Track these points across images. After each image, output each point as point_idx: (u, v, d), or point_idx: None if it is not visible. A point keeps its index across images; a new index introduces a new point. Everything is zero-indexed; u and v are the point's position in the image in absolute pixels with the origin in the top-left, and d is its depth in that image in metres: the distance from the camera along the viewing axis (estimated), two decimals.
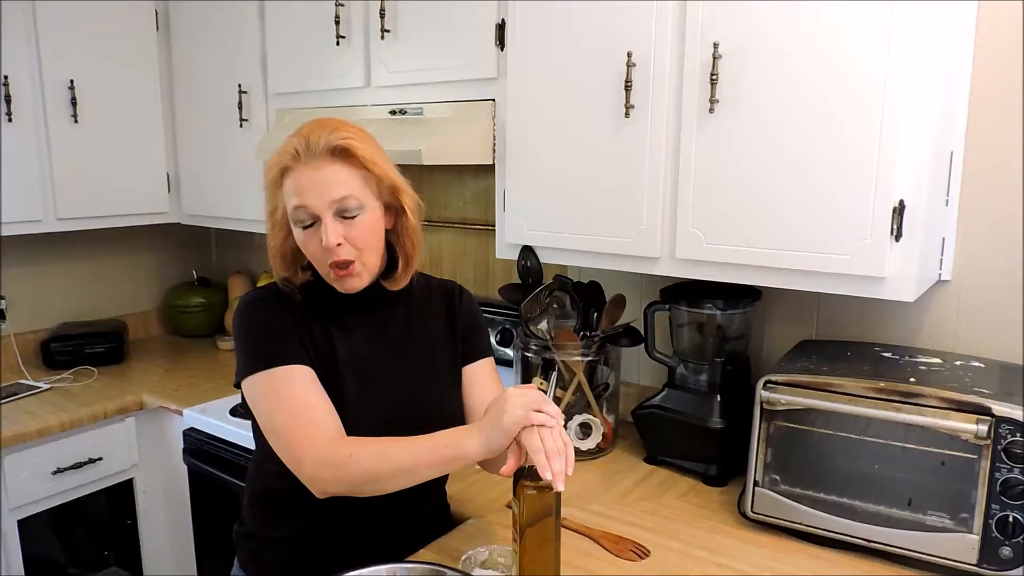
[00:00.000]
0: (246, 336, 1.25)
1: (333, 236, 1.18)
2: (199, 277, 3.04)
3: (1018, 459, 1.21)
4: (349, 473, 1.16)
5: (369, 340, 1.31)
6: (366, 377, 1.29)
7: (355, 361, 1.28)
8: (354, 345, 1.29)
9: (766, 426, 1.44)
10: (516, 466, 1.11)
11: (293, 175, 1.19)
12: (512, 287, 1.87)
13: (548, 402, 1.13)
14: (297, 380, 1.21)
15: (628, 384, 2.03)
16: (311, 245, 1.21)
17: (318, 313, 1.28)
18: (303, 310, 1.28)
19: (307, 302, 1.29)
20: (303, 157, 1.18)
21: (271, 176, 1.22)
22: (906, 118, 1.27)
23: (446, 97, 1.91)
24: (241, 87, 2.37)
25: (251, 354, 1.23)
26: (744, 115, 1.41)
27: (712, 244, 1.48)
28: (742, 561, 1.36)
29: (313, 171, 1.17)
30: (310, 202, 1.18)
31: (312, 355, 1.25)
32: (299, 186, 1.18)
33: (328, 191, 1.17)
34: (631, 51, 1.50)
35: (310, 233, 1.20)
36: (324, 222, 1.18)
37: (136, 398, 2.32)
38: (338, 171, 1.18)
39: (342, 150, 1.18)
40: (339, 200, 1.18)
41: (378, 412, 1.27)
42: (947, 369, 1.42)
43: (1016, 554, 1.23)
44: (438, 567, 1.18)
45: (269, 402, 1.21)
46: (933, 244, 1.49)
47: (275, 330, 1.23)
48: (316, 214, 1.18)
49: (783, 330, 1.81)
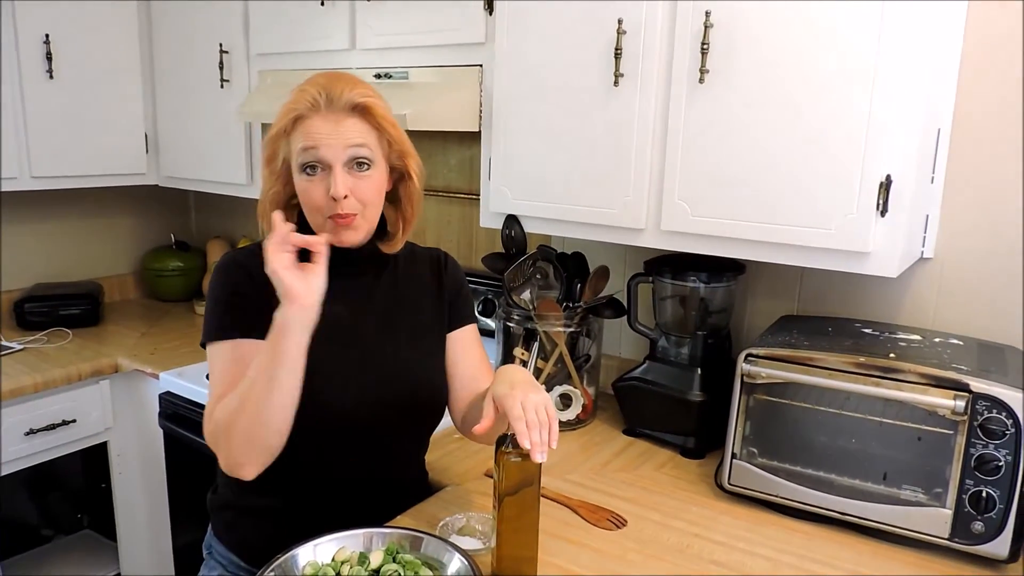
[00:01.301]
0: (212, 300, 1.26)
1: (342, 187, 1.17)
2: (177, 240, 3.00)
3: (993, 435, 1.22)
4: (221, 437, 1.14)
5: (353, 304, 1.30)
6: (347, 341, 1.27)
7: (337, 324, 1.27)
8: (336, 308, 1.27)
9: (745, 399, 1.44)
10: (490, 425, 1.11)
11: (308, 123, 1.17)
12: (495, 256, 1.85)
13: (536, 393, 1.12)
14: (241, 357, 1.19)
15: (610, 356, 2.03)
16: (314, 193, 1.19)
17: None
18: None
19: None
20: (322, 108, 1.17)
21: (281, 124, 1.19)
22: (896, 93, 1.26)
23: (432, 61, 1.88)
24: (222, 47, 2.32)
25: (212, 320, 1.23)
26: (734, 86, 1.40)
27: (698, 216, 1.48)
28: (718, 532, 1.37)
29: (331, 123, 1.17)
30: (324, 150, 1.16)
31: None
32: (313, 133, 1.17)
33: (343, 140, 1.17)
34: (622, 18, 1.48)
35: (316, 181, 1.18)
36: (335, 171, 1.17)
37: (111, 361, 2.29)
38: (356, 125, 1.18)
39: (363, 107, 1.18)
40: (353, 147, 1.17)
41: (358, 376, 1.26)
42: (926, 346, 1.43)
43: (988, 529, 1.24)
44: (415, 532, 1.18)
45: (214, 372, 1.22)
46: (917, 221, 1.49)
47: (240, 299, 1.22)
48: (328, 162, 1.17)
49: (766, 305, 1.82)
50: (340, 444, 1.26)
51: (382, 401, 1.27)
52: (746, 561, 1.28)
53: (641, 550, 1.30)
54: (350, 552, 1.14)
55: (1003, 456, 1.22)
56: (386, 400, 1.27)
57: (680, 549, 1.31)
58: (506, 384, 1.11)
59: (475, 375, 1.36)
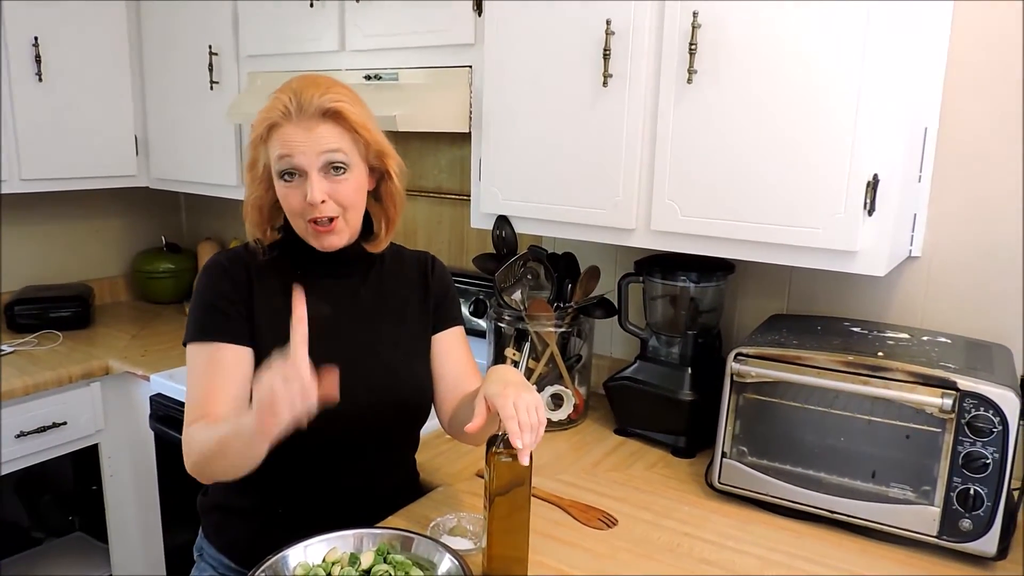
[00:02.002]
0: (196, 302, 1.27)
1: (318, 192, 1.17)
2: (168, 243, 2.99)
3: (981, 433, 1.23)
4: (190, 452, 1.17)
5: (337, 305, 1.30)
6: (328, 340, 1.27)
7: (318, 324, 1.27)
8: (318, 308, 1.28)
9: (735, 398, 1.45)
10: (482, 424, 1.11)
11: (281, 131, 1.18)
12: (486, 257, 1.86)
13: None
14: (219, 361, 1.20)
15: (600, 356, 2.04)
16: (293, 199, 1.20)
17: (284, 275, 1.27)
18: (267, 273, 1.27)
19: (275, 264, 1.28)
20: (293, 116, 1.17)
21: (257, 131, 1.21)
22: (883, 92, 1.27)
23: (422, 63, 1.88)
24: (212, 48, 2.31)
25: (194, 321, 1.25)
26: (722, 87, 1.40)
27: (687, 216, 1.48)
28: (708, 531, 1.37)
29: (303, 130, 1.17)
30: (298, 158, 1.17)
31: (265, 325, 1.24)
32: (287, 141, 1.17)
33: (316, 146, 1.17)
34: (610, 19, 1.48)
35: (293, 187, 1.19)
36: (310, 178, 1.18)
37: (102, 363, 2.28)
38: (328, 130, 1.18)
39: (334, 112, 1.18)
40: (327, 152, 1.18)
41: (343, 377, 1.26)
42: (914, 344, 1.43)
43: (976, 526, 1.25)
44: (406, 532, 1.18)
45: (192, 374, 1.23)
46: (905, 220, 1.50)
47: (223, 303, 1.23)
48: (303, 168, 1.18)
49: (755, 304, 1.82)
50: (327, 445, 1.26)
51: (367, 402, 1.27)
52: (736, 560, 1.28)
53: (632, 549, 1.31)
54: (341, 553, 1.14)
55: (990, 454, 1.23)
56: (371, 401, 1.27)
57: (671, 548, 1.31)
58: (498, 384, 1.11)
59: (462, 377, 1.36)
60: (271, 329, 1.24)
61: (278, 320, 1.25)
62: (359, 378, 1.27)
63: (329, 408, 1.24)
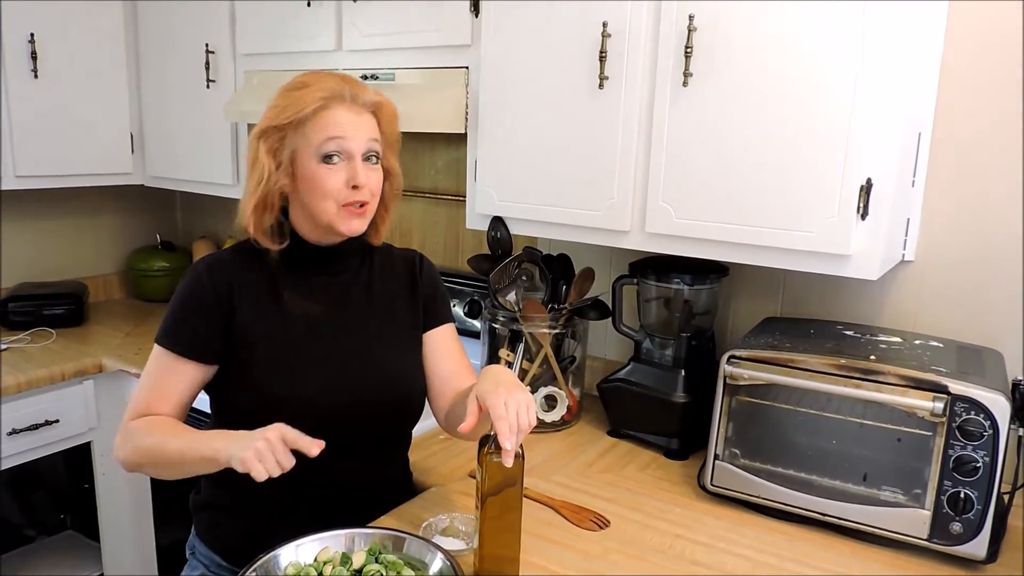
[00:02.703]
0: (171, 306, 1.29)
1: (364, 176, 1.22)
2: (163, 240, 2.99)
3: (972, 437, 1.24)
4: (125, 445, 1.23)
5: (327, 302, 1.31)
6: (317, 338, 1.28)
7: (307, 322, 1.29)
8: (308, 305, 1.30)
9: (728, 401, 1.45)
10: (474, 424, 1.11)
11: (332, 113, 1.21)
12: (481, 258, 1.86)
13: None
14: (174, 371, 1.24)
15: (595, 358, 2.04)
16: (333, 180, 1.21)
17: (270, 273, 1.28)
18: (255, 273, 1.27)
19: (266, 263, 1.28)
20: (348, 100, 1.22)
21: (302, 112, 1.20)
22: (877, 96, 1.27)
23: (418, 63, 1.88)
24: (208, 47, 2.31)
25: (165, 325, 1.27)
26: (717, 90, 1.41)
27: (682, 219, 1.48)
28: (700, 532, 1.37)
29: (355, 114, 1.22)
30: (349, 141, 1.21)
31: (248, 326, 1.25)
32: (339, 123, 1.21)
33: (366, 133, 1.23)
34: (606, 21, 1.49)
35: (336, 169, 1.21)
36: (355, 161, 1.22)
37: (95, 361, 2.28)
38: (372, 122, 1.25)
39: (380, 106, 1.26)
40: (372, 141, 1.24)
41: (333, 374, 1.27)
42: (907, 348, 1.44)
43: (966, 530, 1.25)
44: (397, 532, 1.18)
45: (147, 372, 1.28)
46: (898, 224, 1.50)
47: (193, 316, 1.24)
48: (352, 152, 1.21)
49: (749, 307, 1.83)
50: None
51: (358, 399, 1.27)
52: (727, 561, 1.28)
53: (623, 550, 1.31)
54: (332, 552, 1.14)
55: (981, 457, 1.23)
56: (361, 398, 1.28)
57: (662, 549, 1.31)
58: (490, 383, 1.11)
59: (454, 373, 1.37)
60: (254, 326, 1.25)
61: (263, 320, 1.26)
62: (349, 375, 1.28)
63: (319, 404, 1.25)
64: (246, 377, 1.24)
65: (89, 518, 2.41)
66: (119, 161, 2.57)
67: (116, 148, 2.55)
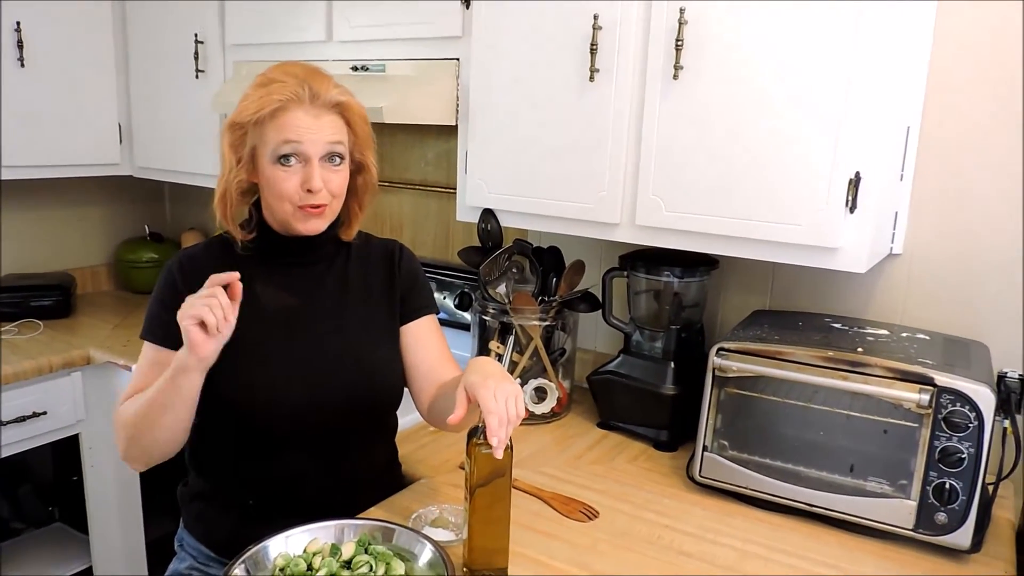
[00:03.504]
0: (151, 301, 1.31)
1: (319, 180, 1.20)
2: (151, 232, 2.97)
3: (957, 428, 1.25)
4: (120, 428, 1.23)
5: (301, 292, 1.31)
6: (292, 329, 1.29)
7: (283, 314, 1.29)
8: (283, 297, 1.30)
9: (717, 393, 1.46)
10: (464, 415, 1.11)
11: (289, 115, 1.19)
12: (471, 250, 1.86)
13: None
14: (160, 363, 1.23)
15: (584, 350, 2.05)
16: (288, 183, 1.21)
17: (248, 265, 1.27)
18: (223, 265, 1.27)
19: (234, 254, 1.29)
20: (306, 102, 1.20)
21: (260, 112, 1.20)
22: (867, 91, 1.28)
23: (409, 55, 1.88)
24: (198, 37, 2.29)
25: (147, 320, 1.30)
26: (707, 83, 1.41)
27: (672, 212, 1.49)
28: (688, 523, 1.38)
29: (312, 117, 1.20)
30: (306, 145, 1.19)
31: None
32: (295, 125, 1.19)
33: (323, 136, 1.21)
34: (598, 13, 1.49)
35: (291, 171, 1.21)
36: (312, 165, 1.20)
37: (83, 352, 2.27)
38: (334, 122, 1.23)
39: (344, 106, 1.23)
40: (332, 143, 1.22)
41: (309, 365, 1.27)
42: (894, 340, 1.45)
43: (951, 520, 1.27)
44: (387, 523, 1.18)
45: (137, 367, 1.30)
46: (886, 218, 1.51)
47: (167, 308, 1.24)
48: (306, 155, 1.20)
49: (738, 299, 1.84)
50: (298, 434, 1.26)
51: (333, 390, 1.27)
52: (714, 551, 1.29)
53: (612, 541, 1.32)
54: (322, 543, 1.14)
55: (966, 449, 1.25)
56: (337, 388, 1.28)
57: (651, 540, 1.32)
58: (479, 375, 1.11)
59: (436, 365, 1.36)
60: None
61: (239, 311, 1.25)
62: (324, 366, 1.28)
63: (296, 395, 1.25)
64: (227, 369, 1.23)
65: (77, 510, 2.40)
66: (107, 152, 2.55)
67: (104, 139, 2.53)
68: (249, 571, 1.07)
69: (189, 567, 1.36)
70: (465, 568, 1.17)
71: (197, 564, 1.35)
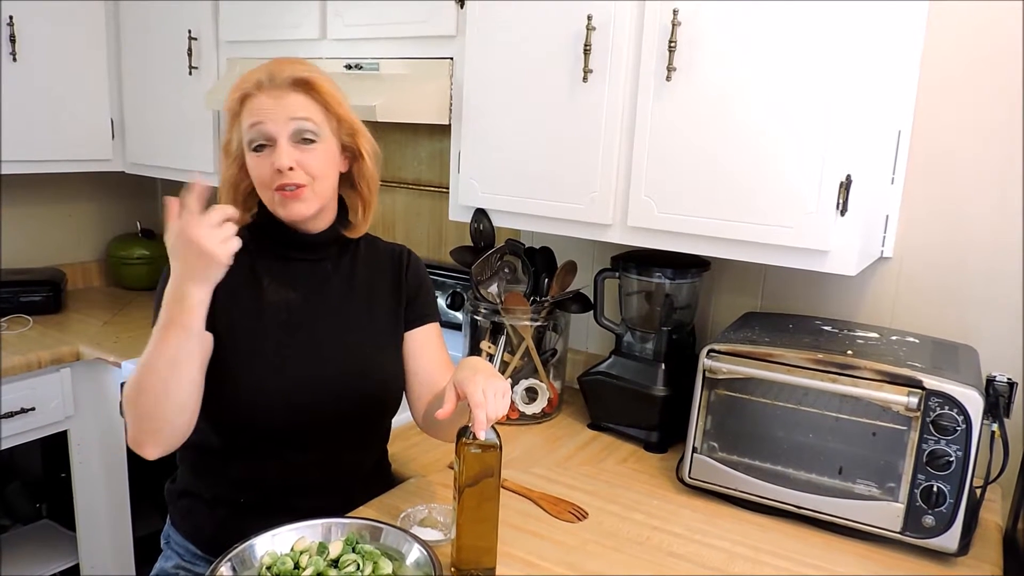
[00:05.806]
0: (157, 292, 1.26)
1: (286, 158, 1.19)
2: (143, 228, 2.96)
3: (945, 431, 1.25)
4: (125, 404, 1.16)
5: (305, 288, 1.30)
6: (295, 325, 1.28)
7: (285, 308, 1.28)
8: (286, 292, 1.29)
9: (707, 394, 1.46)
10: (452, 410, 1.11)
11: (253, 101, 1.20)
12: (464, 249, 1.86)
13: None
14: None
15: (576, 351, 2.05)
16: (262, 168, 1.20)
17: (252, 259, 1.27)
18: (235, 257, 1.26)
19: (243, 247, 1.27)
20: (266, 86, 1.20)
21: (230, 105, 1.22)
22: (858, 94, 1.28)
23: (403, 53, 1.87)
24: (191, 33, 2.29)
25: (156, 309, 1.24)
26: (700, 84, 1.41)
27: (664, 213, 1.49)
28: (676, 524, 1.38)
29: (274, 99, 1.20)
30: (268, 125, 1.19)
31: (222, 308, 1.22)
32: (258, 109, 1.20)
33: (285, 112, 1.19)
34: (591, 14, 1.49)
35: (263, 156, 1.20)
36: (279, 144, 1.19)
37: (72, 348, 2.25)
38: (298, 99, 1.21)
39: (305, 82, 1.21)
40: (297, 120, 1.20)
41: (309, 363, 1.27)
42: (883, 343, 1.45)
43: (938, 523, 1.27)
44: (375, 522, 1.18)
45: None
46: (877, 221, 1.52)
47: None
48: (273, 136, 1.19)
49: (729, 301, 1.84)
50: (293, 430, 1.26)
51: (333, 388, 1.27)
52: (703, 553, 1.29)
53: (601, 542, 1.31)
54: (309, 542, 1.13)
55: (954, 452, 1.25)
56: (336, 386, 1.27)
57: (639, 541, 1.32)
58: (468, 370, 1.12)
59: (436, 373, 1.36)
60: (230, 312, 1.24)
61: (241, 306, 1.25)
62: (326, 364, 1.27)
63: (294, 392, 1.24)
64: (224, 363, 1.23)
65: (65, 507, 2.38)
66: (99, 147, 2.54)
67: (96, 134, 2.52)
68: (235, 569, 1.07)
69: (175, 566, 1.35)
70: (453, 568, 1.17)
71: (183, 562, 1.34)
